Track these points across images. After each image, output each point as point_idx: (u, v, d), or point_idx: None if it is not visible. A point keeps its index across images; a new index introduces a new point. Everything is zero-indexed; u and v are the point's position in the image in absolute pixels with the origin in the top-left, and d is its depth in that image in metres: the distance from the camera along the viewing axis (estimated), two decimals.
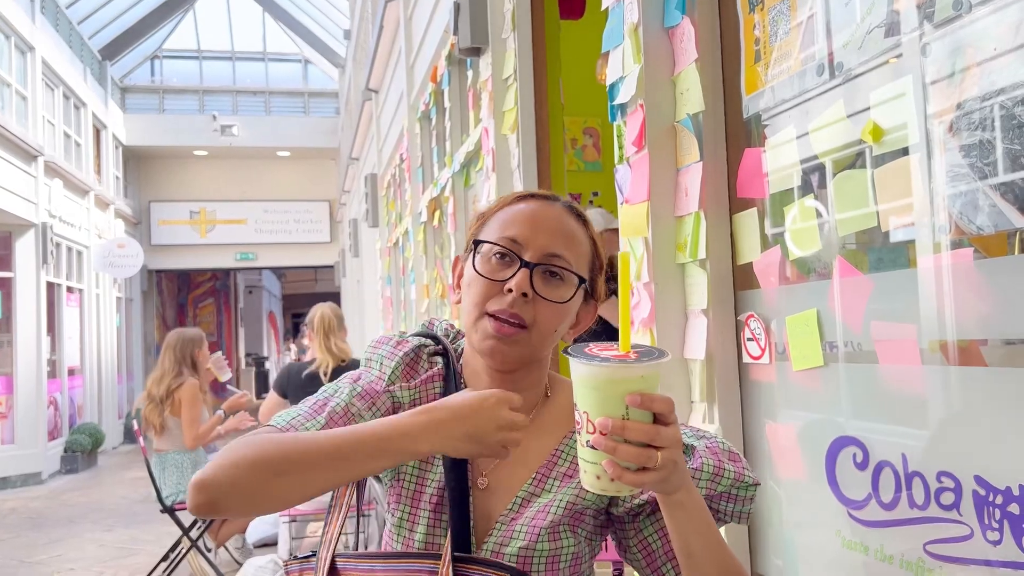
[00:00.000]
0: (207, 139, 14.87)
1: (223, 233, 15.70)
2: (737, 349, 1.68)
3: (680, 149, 1.76)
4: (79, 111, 12.09)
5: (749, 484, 1.09)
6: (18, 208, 9.02)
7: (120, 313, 13.66)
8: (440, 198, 4.93)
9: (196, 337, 4.82)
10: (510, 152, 3.08)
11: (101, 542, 5.87)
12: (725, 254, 1.68)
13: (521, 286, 1.07)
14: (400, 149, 6.76)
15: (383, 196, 8.61)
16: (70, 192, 10.99)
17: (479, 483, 1.13)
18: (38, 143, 9.53)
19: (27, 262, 9.50)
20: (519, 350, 1.09)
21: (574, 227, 1.14)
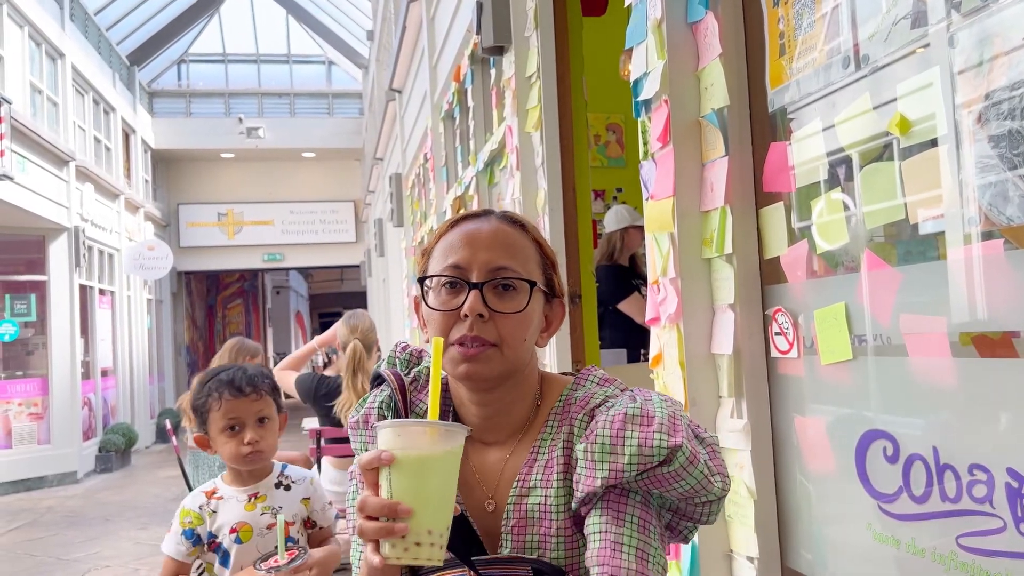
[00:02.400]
0: (233, 141, 15.04)
1: (250, 234, 15.88)
2: (765, 344, 1.68)
3: (705, 144, 1.76)
4: (108, 116, 12.28)
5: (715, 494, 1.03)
6: (51, 212, 9.19)
7: (151, 315, 13.86)
8: (464, 197, 4.95)
9: (252, 348, 4.91)
10: (534, 150, 3.09)
11: (136, 539, 5.97)
12: (752, 248, 1.68)
13: (474, 308, 1.07)
14: (424, 148, 6.79)
15: (408, 195, 8.65)
16: (101, 196, 11.17)
17: (487, 506, 1.12)
18: (70, 148, 9.70)
19: (60, 265, 9.68)
20: (493, 367, 1.08)
21: (513, 235, 1.14)
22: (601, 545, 1.01)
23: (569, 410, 1.12)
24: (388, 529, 0.92)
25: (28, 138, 8.33)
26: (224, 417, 1.89)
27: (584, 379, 1.16)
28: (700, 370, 1.74)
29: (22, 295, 9.46)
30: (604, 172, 4.87)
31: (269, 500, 1.92)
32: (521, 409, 1.15)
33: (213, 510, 1.90)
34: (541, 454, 1.11)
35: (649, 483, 1.01)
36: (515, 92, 3.20)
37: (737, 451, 1.68)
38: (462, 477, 1.14)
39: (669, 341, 1.81)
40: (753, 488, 1.64)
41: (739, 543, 1.69)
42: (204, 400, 1.91)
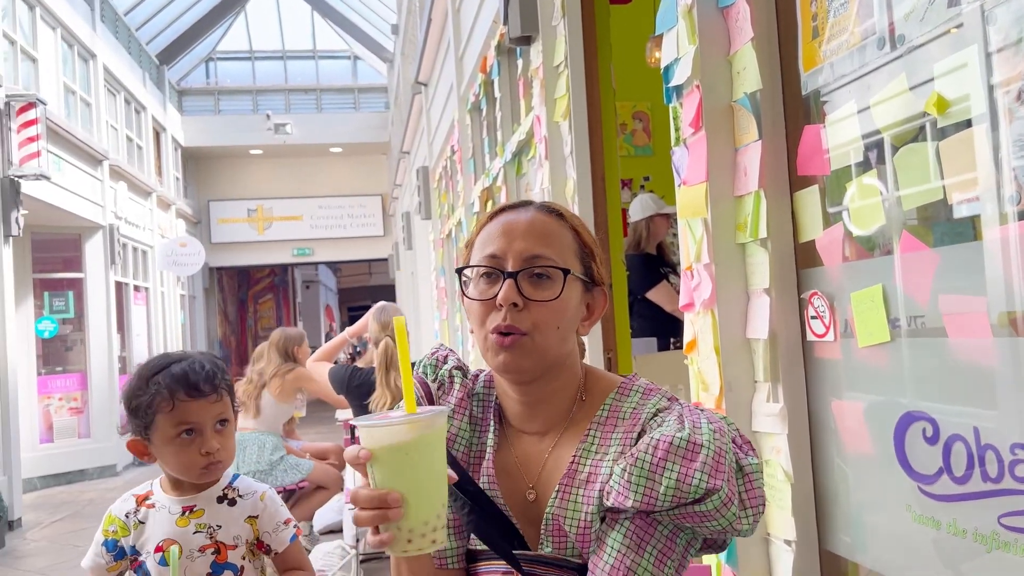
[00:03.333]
0: (262, 138, 15.19)
1: (280, 230, 16.05)
2: (801, 327, 1.68)
3: (738, 128, 1.76)
4: (139, 115, 12.46)
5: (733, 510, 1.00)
6: (87, 211, 9.37)
7: (184, 310, 14.07)
8: (492, 188, 4.97)
9: (297, 336, 5.21)
10: (562, 139, 3.09)
11: None
12: (786, 232, 1.68)
13: (508, 297, 1.09)
14: (451, 141, 6.81)
15: (435, 188, 8.69)
16: (134, 194, 11.35)
17: (528, 495, 1.13)
18: (103, 147, 9.86)
19: (96, 263, 9.86)
20: (527, 357, 1.09)
21: (550, 224, 1.15)
22: (615, 565, 1.02)
23: (616, 421, 1.12)
24: (382, 516, 0.94)
25: (63, 138, 8.49)
26: (176, 422, 1.53)
27: (629, 388, 1.15)
28: (735, 355, 1.75)
29: (60, 292, 9.66)
30: (631, 161, 4.86)
31: (207, 516, 1.58)
32: (563, 400, 1.15)
33: (141, 520, 1.58)
34: (586, 458, 1.10)
35: (681, 518, 1.01)
36: (543, 81, 3.21)
37: (773, 435, 1.68)
38: (505, 465, 1.16)
39: (704, 327, 1.81)
40: (790, 472, 1.64)
41: (777, 527, 1.69)
42: (150, 399, 1.53)
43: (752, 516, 1.01)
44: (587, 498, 1.07)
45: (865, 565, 1.59)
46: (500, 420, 1.20)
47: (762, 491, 1.03)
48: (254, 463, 4.84)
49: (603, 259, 1.20)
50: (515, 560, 1.10)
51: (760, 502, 1.03)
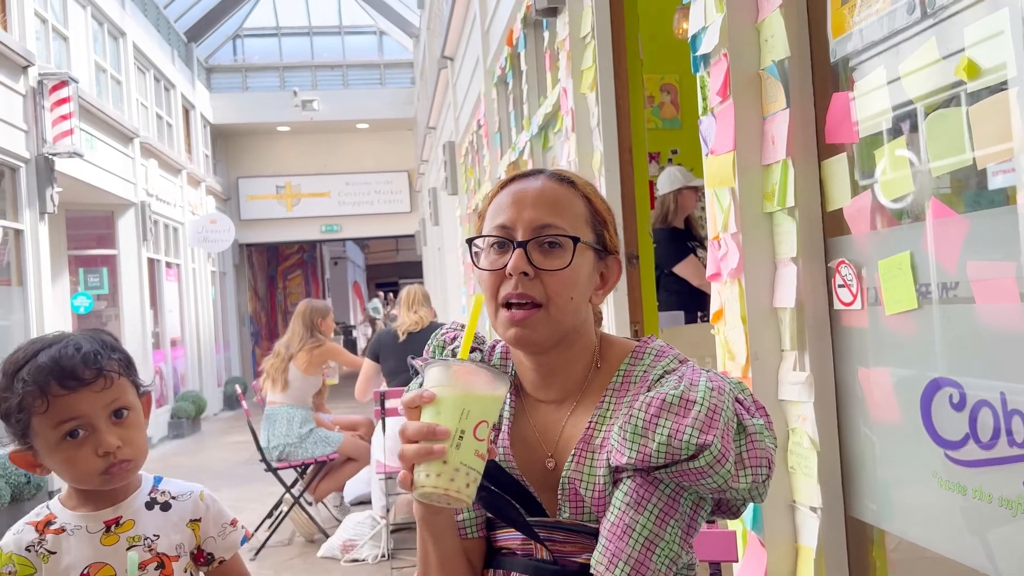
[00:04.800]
0: (289, 115, 15.26)
1: (308, 206, 16.16)
2: (828, 296, 1.68)
3: (766, 97, 1.75)
4: (169, 92, 12.58)
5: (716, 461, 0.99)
6: (119, 188, 9.51)
7: (215, 286, 14.26)
8: (519, 162, 4.96)
9: (322, 308, 5.30)
10: (589, 111, 3.09)
11: None
12: (814, 201, 1.67)
13: (518, 266, 1.08)
14: (477, 115, 6.81)
15: (461, 163, 8.70)
16: (164, 171, 11.49)
17: (547, 463, 1.14)
18: (134, 125, 9.98)
19: (129, 239, 10.03)
20: (541, 330, 1.10)
21: (560, 192, 1.14)
22: (614, 522, 1.03)
23: (629, 386, 1.13)
24: (427, 450, 0.96)
25: (95, 116, 8.60)
26: (55, 422, 1.22)
27: (643, 351, 1.16)
28: (762, 324, 1.75)
29: (94, 269, 9.85)
30: (659, 134, 4.82)
31: (139, 527, 1.29)
32: (578, 368, 1.16)
33: (50, 550, 1.25)
34: (601, 424, 1.11)
35: (679, 476, 1.01)
36: (569, 53, 3.20)
37: (800, 403, 1.69)
38: (523, 434, 1.17)
39: (730, 296, 1.82)
40: (816, 439, 1.65)
41: (802, 494, 1.71)
42: (18, 400, 1.21)
43: (752, 475, 1.01)
44: (601, 462, 1.08)
45: (891, 531, 1.60)
46: (517, 391, 1.21)
47: (768, 452, 1.03)
48: (283, 437, 4.92)
49: (615, 227, 1.19)
50: (530, 528, 1.12)
51: (763, 463, 1.02)
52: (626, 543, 1.01)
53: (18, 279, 6.98)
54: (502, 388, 1.02)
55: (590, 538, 1.09)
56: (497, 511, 1.15)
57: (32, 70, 7.14)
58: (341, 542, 4.48)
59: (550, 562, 1.12)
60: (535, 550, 1.13)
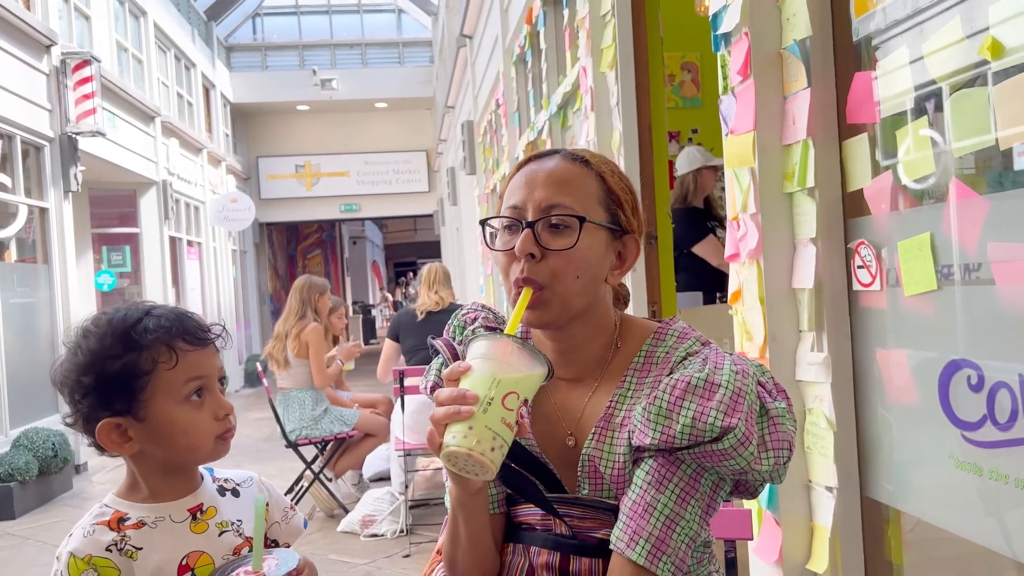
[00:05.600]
0: (308, 94, 15.29)
1: (327, 186, 16.22)
2: (847, 277, 1.68)
3: (787, 76, 1.74)
4: (189, 72, 12.63)
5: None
6: (141, 167, 9.59)
7: (235, 265, 14.39)
8: (537, 141, 4.96)
9: (320, 285, 5.19)
10: (609, 90, 3.07)
11: None
12: (834, 181, 1.67)
13: (524, 248, 1.09)
14: (496, 94, 6.79)
15: (480, 143, 8.69)
16: (185, 150, 11.57)
17: (567, 441, 1.16)
18: (155, 104, 10.05)
19: (151, 218, 10.13)
20: (548, 311, 1.11)
21: (571, 172, 1.13)
22: (636, 500, 1.05)
23: (651, 366, 1.14)
24: (455, 411, 0.98)
25: (117, 95, 8.66)
26: (185, 378, 1.13)
27: (665, 332, 1.17)
28: (780, 305, 1.75)
29: (117, 247, 9.97)
30: (679, 112, 4.79)
31: (224, 513, 1.19)
32: (596, 347, 1.17)
33: (136, 546, 1.11)
34: (622, 403, 1.12)
35: (701, 457, 1.02)
36: (589, 32, 3.18)
37: (817, 384, 1.70)
38: (544, 411, 1.19)
39: (749, 277, 1.82)
40: (833, 420, 1.66)
41: (818, 473, 1.71)
42: (136, 358, 1.11)
43: (774, 458, 1.03)
44: (621, 441, 1.09)
45: (907, 511, 1.61)
46: None
47: (789, 435, 1.04)
48: (297, 420, 4.91)
49: (635, 206, 1.18)
50: (549, 504, 1.14)
51: (784, 445, 1.04)
52: (647, 521, 1.03)
53: (43, 257, 7.08)
54: (539, 368, 1.04)
55: (609, 514, 1.11)
56: (516, 487, 1.17)
57: (55, 49, 7.19)
58: (360, 517, 4.54)
59: (569, 537, 1.13)
60: (554, 525, 1.15)
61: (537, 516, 1.17)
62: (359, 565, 4.00)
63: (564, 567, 1.13)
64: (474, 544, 1.16)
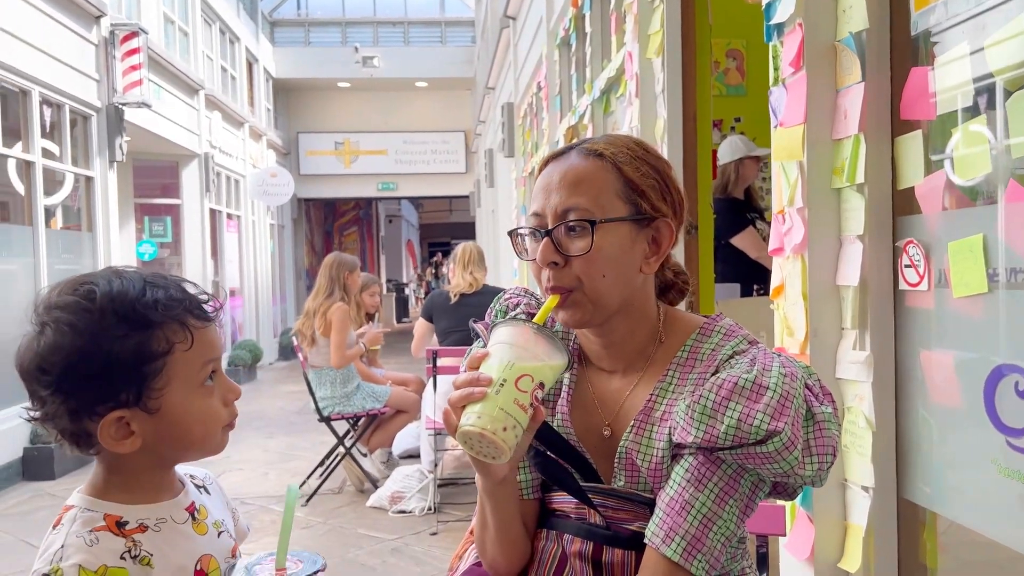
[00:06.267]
0: (350, 71, 15.33)
1: (365, 163, 16.30)
2: (893, 276, 1.65)
3: (840, 69, 1.71)
4: (234, 45, 12.74)
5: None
6: (184, 139, 9.72)
7: (273, 239, 14.54)
8: (578, 126, 4.93)
9: (350, 263, 5.18)
10: (654, 76, 3.04)
11: (264, 447, 6.44)
12: (885, 178, 1.64)
13: (545, 258, 1.10)
14: (538, 77, 6.75)
15: (519, 125, 8.65)
16: (227, 124, 11.69)
17: (604, 431, 1.16)
18: (199, 77, 10.16)
19: (192, 190, 10.27)
20: (582, 311, 1.11)
21: (584, 170, 1.12)
22: (673, 497, 1.05)
23: (695, 362, 1.13)
24: (468, 392, 1.00)
25: (162, 67, 8.77)
26: (202, 361, 0.99)
27: (711, 329, 1.16)
28: (823, 301, 1.73)
29: (159, 217, 10.13)
30: (722, 101, 4.72)
31: (212, 512, 1.08)
32: (637, 340, 1.17)
33: (148, 551, 0.97)
34: (663, 397, 1.12)
35: (743, 458, 1.02)
36: (637, 17, 3.15)
37: (858, 383, 1.68)
38: (582, 401, 1.19)
39: (792, 272, 1.80)
40: (872, 420, 1.64)
41: (854, 472, 1.70)
42: (146, 339, 0.95)
43: (818, 463, 1.02)
44: (660, 435, 1.09)
45: (944, 515, 1.59)
46: (580, 359, 1.23)
47: (833, 440, 1.03)
48: (330, 396, 4.96)
49: (665, 188, 1.15)
50: (583, 493, 1.15)
51: (829, 451, 1.03)
52: (684, 519, 1.03)
53: (88, 225, 7.23)
54: (558, 359, 1.05)
55: (644, 507, 1.11)
56: (552, 475, 1.18)
57: (104, 20, 7.30)
58: (389, 493, 4.60)
59: (603, 527, 1.14)
60: (588, 514, 1.16)
61: (571, 504, 1.18)
62: (387, 540, 4.05)
63: (597, 557, 1.13)
64: (502, 532, 1.18)
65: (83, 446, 0.98)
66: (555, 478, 1.17)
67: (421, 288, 23.20)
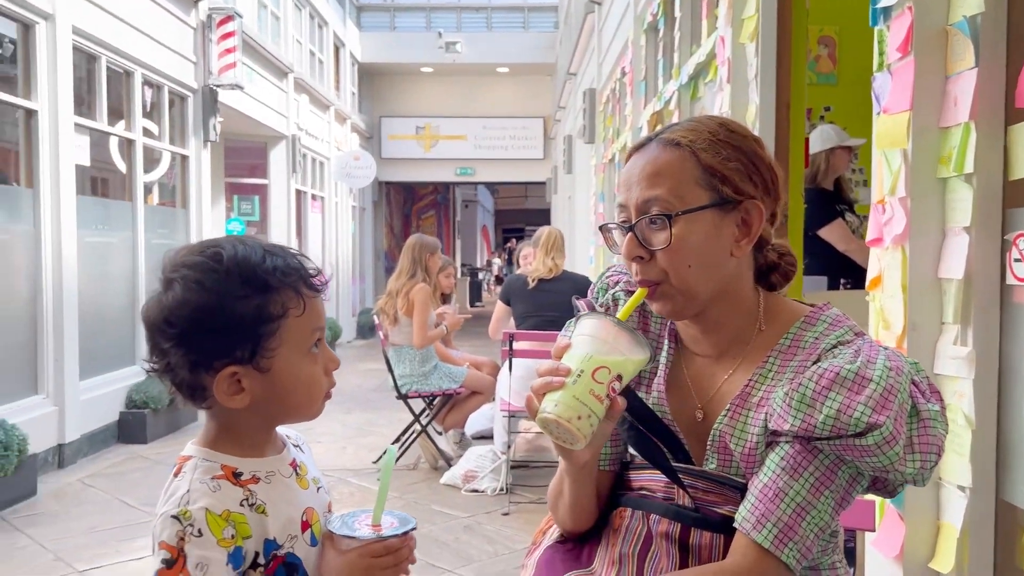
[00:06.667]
0: (433, 56, 15.49)
1: (445, 148, 16.47)
2: (1000, 270, 1.59)
3: (951, 55, 1.65)
4: (322, 30, 13.02)
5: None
6: (273, 121, 10.01)
7: (354, 221, 14.85)
8: (663, 112, 4.87)
9: (431, 244, 5.27)
10: (747, 62, 2.99)
11: (343, 422, 6.61)
12: (996, 168, 1.57)
13: (629, 253, 1.11)
14: (622, 62, 6.69)
15: (600, 111, 8.60)
16: (314, 107, 11.98)
17: (696, 414, 1.16)
18: (289, 61, 10.43)
19: (279, 171, 10.58)
20: (673, 302, 1.12)
21: (661, 161, 1.11)
22: (767, 484, 1.04)
23: (796, 350, 1.11)
24: (547, 381, 1.04)
25: (255, 51, 9.04)
26: (311, 328, 1.05)
27: (816, 318, 1.14)
28: (924, 294, 1.68)
29: (247, 196, 10.48)
30: (813, 89, 4.57)
31: (310, 469, 1.14)
32: (734, 325, 1.16)
33: (262, 501, 1.03)
34: (761, 383, 1.11)
35: (841, 449, 1.00)
36: (731, 1, 3.09)
37: (958, 379, 1.63)
38: (677, 383, 1.20)
39: (891, 263, 1.75)
40: (972, 418, 1.59)
41: (951, 472, 1.65)
42: (264, 302, 1.01)
43: (920, 460, 1.00)
44: (756, 421, 1.08)
45: None
46: (675, 340, 1.23)
47: (939, 439, 1.01)
48: (408, 374, 5.06)
49: (751, 168, 1.12)
50: (674, 472, 1.15)
51: (933, 449, 1.01)
52: (777, 506, 1.03)
53: (182, 201, 7.53)
54: (639, 354, 1.07)
55: (735, 491, 1.10)
56: (644, 451, 1.19)
57: (202, 4, 7.56)
58: (463, 472, 4.67)
59: (691, 509, 1.14)
60: (677, 495, 1.16)
61: (660, 484, 1.18)
62: (460, 518, 4.12)
63: (684, 538, 1.13)
64: (576, 504, 1.21)
65: (197, 399, 1.04)
66: (647, 454, 1.18)
67: (492, 275, 23.30)
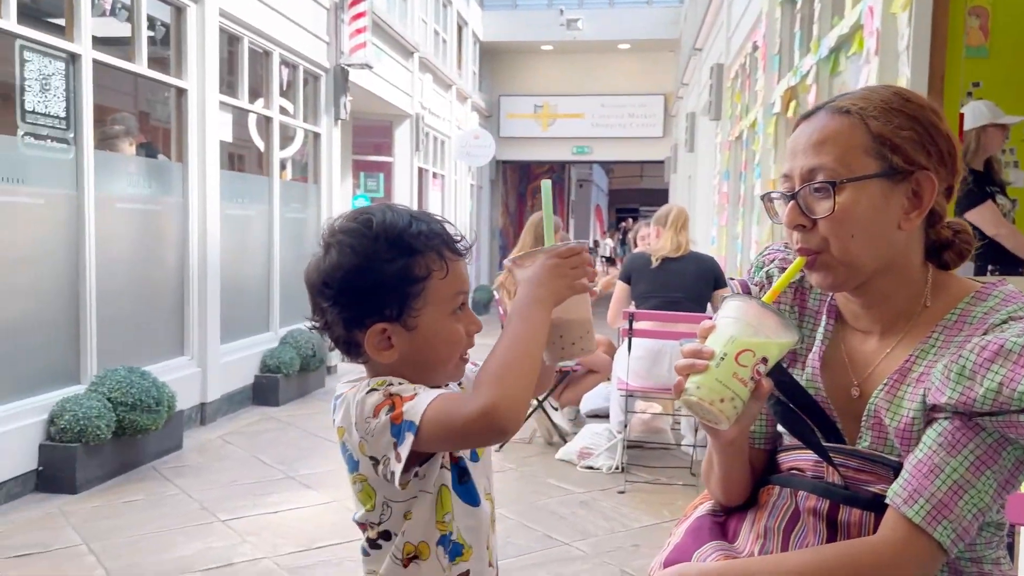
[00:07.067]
0: (553, 34, 15.46)
1: (562, 127, 16.44)
2: None
3: None
4: (446, 9, 13.22)
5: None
6: (398, 100, 10.27)
7: (472, 199, 15.09)
8: (799, 87, 4.69)
9: (556, 223, 5.27)
10: (898, 33, 2.83)
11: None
12: None
13: (791, 221, 1.09)
14: (754, 36, 6.47)
15: (728, 87, 8.36)
16: (437, 86, 12.20)
17: (852, 391, 1.13)
18: (414, 40, 10.65)
19: (403, 149, 10.87)
20: (832, 274, 1.09)
21: (830, 128, 1.07)
22: (922, 460, 1.00)
23: (963, 325, 1.06)
24: (690, 363, 1.04)
25: (383, 31, 9.28)
26: (455, 291, 1.10)
27: (988, 293, 1.08)
28: None
29: (373, 173, 10.82)
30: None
31: None
32: (898, 302, 1.12)
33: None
34: (922, 357, 1.07)
35: (1005, 427, 0.95)
36: None
37: None
38: (833, 360, 1.17)
39: None
40: None
41: None
42: (408, 263, 1.07)
43: None
44: (914, 395, 1.04)
45: None
46: (835, 316, 1.20)
47: None
48: None
49: (925, 138, 1.06)
50: (824, 451, 1.12)
51: None
52: (931, 482, 0.99)
53: (314, 177, 7.85)
54: (786, 336, 1.05)
55: (888, 470, 1.07)
56: (794, 429, 1.17)
57: None
58: (578, 449, 4.69)
59: (841, 487, 1.11)
60: (827, 473, 1.13)
61: (810, 462, 1.16)
62: (576, 493, 4.16)
63: (833, 515, 1.11)
64: (725, 477, 1.22)
65: (352, 354, 1.12)
66: (797, 432, 1.16)
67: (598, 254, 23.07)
